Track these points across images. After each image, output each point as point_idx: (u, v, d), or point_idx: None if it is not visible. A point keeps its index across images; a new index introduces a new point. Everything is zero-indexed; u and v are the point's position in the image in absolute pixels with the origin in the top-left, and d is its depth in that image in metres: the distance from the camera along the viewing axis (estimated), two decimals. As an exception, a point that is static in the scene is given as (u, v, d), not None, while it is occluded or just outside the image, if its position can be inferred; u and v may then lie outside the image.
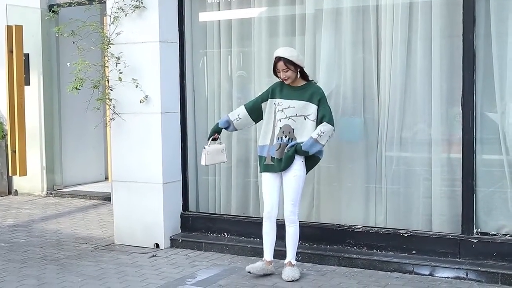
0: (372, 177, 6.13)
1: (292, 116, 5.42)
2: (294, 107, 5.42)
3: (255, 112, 5.69)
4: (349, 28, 6.17)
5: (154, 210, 6.64)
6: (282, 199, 5.61)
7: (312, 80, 5.65)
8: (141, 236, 6.71)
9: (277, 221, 5.61)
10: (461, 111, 5.60)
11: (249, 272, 5.53)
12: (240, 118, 5.71)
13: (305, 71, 5.58)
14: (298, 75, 5.53)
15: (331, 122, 5.41)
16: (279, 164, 5.45)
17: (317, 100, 5.43)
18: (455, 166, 5.75)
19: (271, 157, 5.49)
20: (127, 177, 6.76)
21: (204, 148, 5.76)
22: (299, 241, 6.03)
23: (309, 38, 6.35)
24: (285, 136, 5.43)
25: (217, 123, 5.83)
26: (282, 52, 5.46)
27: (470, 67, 5.53)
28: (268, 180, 5.54)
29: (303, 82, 5.52)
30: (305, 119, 5.41)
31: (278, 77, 5.54)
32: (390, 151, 6.02)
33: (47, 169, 9.93)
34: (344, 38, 6.20)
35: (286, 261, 5.57)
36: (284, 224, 5.59)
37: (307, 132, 5.40)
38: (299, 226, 5.61)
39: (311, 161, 5.55)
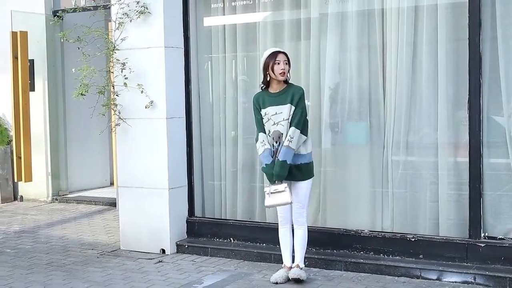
0: (378, 181, 6.12)
1: (280, 121, 5.38)
2: (281, 112, 5.38)
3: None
4: (354, 32, 6.16)
5: (160, 215, 6.63)
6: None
7: (291, 83, 5.54)
8: (147, 242, 6.70)
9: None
10: (467, 115, 5.58)
11: (276, 283, 5.50)
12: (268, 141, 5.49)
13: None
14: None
15: (298, 126, 5.33)
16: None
17: (296, 100, 5.37)
18: (462, 170, 5.73)
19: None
20: (132, 182, 6.75)
21: (287, 187, 5.35)
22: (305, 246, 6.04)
23: (314, 42, 6.35)
24: (276, 142, 5.39)
25: (266, 165, 5.40)
26: (278, 48, 5.59)
27: (476, 71, 5.51)
28: None
29: (284, 86, 5.49)
30: None
31: (269, 74, 5.41)
32: (396, 155, 6.01)
33: (53, 175, 9.95)
34: (350, 42, 6.20)
35: (294, 264, 5.57)
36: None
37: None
38: (306, 230, 5.61)
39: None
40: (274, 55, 5.42)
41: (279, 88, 5.46)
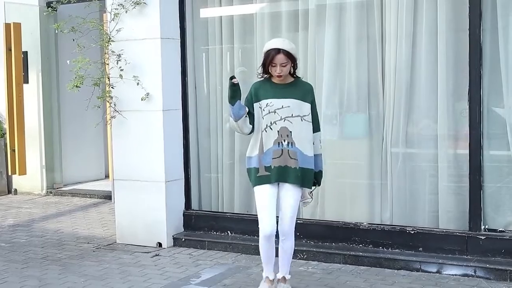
0: (377, 173, 6.07)
1: (288, 117, 4.71)
2: (289, 106, 4.70)
3: (250, 116, 4.84)
4: (353, 23, 6.10)
5: (156, 208, 6.57)
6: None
7: (299, 77, 4.92)
8: (143, 235, 6.64)
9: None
10: (467, 106, 5.53)
11: None
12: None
13: (297, 65, 4.85)
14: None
15: (320, 128, 4.94)
16: (281, 173, 4.74)
17: (310, 99, 4.79)
18: (462, 162, 5.69)
19: (265, 167, 4.76)
20: (128, 175, 6.69)
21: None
22: (304, 239, 6.00)
23: (312, 33, 6.28)
24: (284, 140, 4.72)
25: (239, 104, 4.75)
26: (280, 43, 4.70)
27: (476, 62, 5.46)
28: (264, 193, 4.79)
29: (291, 79, 4.81)
30: (301, 120, 4.74)
31: (266, 73, 4.78)
32: (395, 147, 5.95)
33: (47, 167, 9.87)
34: (348, 33, 6.13)
35: (280, 275, 4.97)
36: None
37: (304, 134, 4.75)
38: (304, 223, 5.53)
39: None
40: (272, 54, 4.65)
41: (286, 80, 4.78)
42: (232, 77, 4.67)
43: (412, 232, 5.74)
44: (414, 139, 5.94)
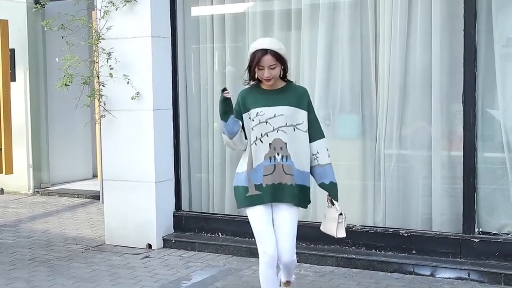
0: (370, 175, 6.01)
1: (282, 126, 4.14)
2: (282, 114, 4.13)
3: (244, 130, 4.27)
4: (346, 22, 6.03)
5: (146, 209, 6.48)
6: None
7: (291, 81, 4.33)
8: (133, 236, 6.55)
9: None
10: (462, 108, 5.48)
11: None
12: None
13: (288, 67, 4.26)
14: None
15: (324, 134, 4.34)
16: (275, 192, 4.18)
17: (306, 105, 4.21)
18: (455, 163, 5.64)
19: (255, 185, 4.17)
20: (118, 175, 6.59)
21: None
22: (296, 241, 5.92)
23: (305, 32, 6.21)
24: (278, 154, 4.14)
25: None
26: (268, 43, 4.14)
27: (471, 63, 5.41)
28: (259, 216, 4.21)
29: (283, 83, 4.23)
30: (294, 129, 4.16)
31: (253, 78, 4.20)
32: (389, 148, 5.90)
33: (34, 167, 9.75)
34: (342, 33, 6.06)
35: (284, 279, 4.55)
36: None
37: (299, 146, 4.18)
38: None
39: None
40: (258, 56, 4.10)
41: (276, 85, 4.20)
42: (224, 90, 4.10)
43: (405, 234, 5.68)
44: (408, 141, 5.88)
